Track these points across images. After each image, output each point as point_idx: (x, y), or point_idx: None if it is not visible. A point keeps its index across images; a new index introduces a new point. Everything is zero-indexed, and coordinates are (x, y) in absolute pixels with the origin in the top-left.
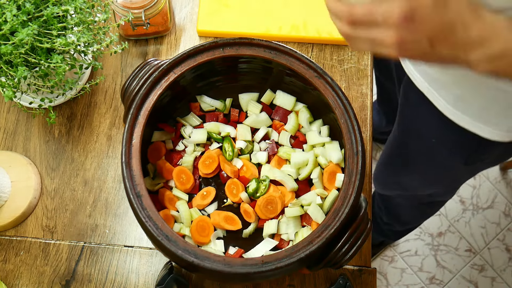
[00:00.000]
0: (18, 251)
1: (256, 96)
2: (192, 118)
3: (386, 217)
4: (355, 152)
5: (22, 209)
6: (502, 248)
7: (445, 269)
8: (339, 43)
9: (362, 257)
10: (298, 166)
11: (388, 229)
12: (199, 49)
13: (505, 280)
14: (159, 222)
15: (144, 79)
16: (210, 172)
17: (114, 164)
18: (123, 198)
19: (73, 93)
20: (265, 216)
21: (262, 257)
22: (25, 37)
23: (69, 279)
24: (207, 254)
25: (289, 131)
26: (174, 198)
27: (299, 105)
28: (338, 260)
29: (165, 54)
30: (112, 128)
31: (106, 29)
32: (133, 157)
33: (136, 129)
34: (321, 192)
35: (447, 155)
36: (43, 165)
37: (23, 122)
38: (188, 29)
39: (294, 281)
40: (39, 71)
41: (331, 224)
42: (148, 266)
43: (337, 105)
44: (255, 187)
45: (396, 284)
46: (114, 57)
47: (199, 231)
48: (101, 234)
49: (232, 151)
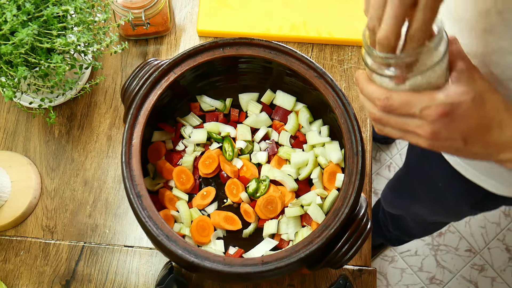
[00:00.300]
0: (18, 251)
1: (256, 96)
2: (192, 118)
3: (392, 227)
4: (355, 152)
5: (22, 209)
6: (502, 248)
7: (445, 269)
8: (339, 43)
9: (362, 257)
10: (298, 166)
11: (392, 237)
12: (199, 49)
13: (505, 280)
14: (159, 222)
15: (144, 79)
16: (210, 172)
17: (114, 164)
18: (123, 198)
19: (73, 93)
20: (265, 216)
21: (262, 257)
22: (25, 37)
23: (69, 279)
24: (207, 254)
25: (289, 131)
26: (174, 198)
27: (299, 105)
28: (338, 260)
29: (165, 54)
30: (112, 128)
31: (106, 29)
32: (133, 157)
33: (136, 129)
34: (321, 192)
35: (453, 199)
36: (43, 165)
37: (23, 122)
38: (188, 29)
39: (294, 281)
40: (39, 71)
41: (331, 224)
42: (148, 266)
43: (337, 105)
44: (255, 187)
45: (396, 284)
46: (114, 57)
47: (199, 231)
48: (101, 234)
49: (232, 151)
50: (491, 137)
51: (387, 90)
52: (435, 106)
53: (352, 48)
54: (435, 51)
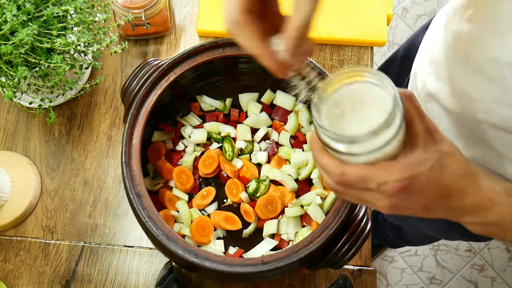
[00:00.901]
0: (18, 251)
1: (256, 96)
2: (192, 118)
3: (390, 233)
4: None
5: (22, 209)
6: (502, 248)
7: (445, 269)
8: (339, 43)
9: (362, 257)
10: (298, 166)
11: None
12: (199, 49)
13: (505, 280)
14: (159, 222)
15: (144, 79)
16: (210, 172)
17: (114, 164)
18: (123, 198)
19: (73, 93)
20: (265, 216)
21: (262, 257)
22: (25, 37)
23: (69, 279)
24: (207, 254)
25: (289, 131)
26: (174, 198)
27: (299, 105)
28: (338, 260)
29: (165, 54)
30: (112, 128)
31: (106, 29)
32: (133, 157)
33: (136, 129)
34: (321, 192)
35: (447, 225)
36: (43, 165)
37: (23, 122)
38: (188, 29)
39: (294, 281)
40: (39, 71)
41: (331, 224)
42: (148, 266)
43: None
44: (255, 187)
45: (396, 284)
46: (114, 57)
47: (199, 231)
48: (101, 234)
49: (232, 151)
50: (451, 203)
51: (341, 164)
52: (392, 182)
53: (352, 48)
54: (387, 128)
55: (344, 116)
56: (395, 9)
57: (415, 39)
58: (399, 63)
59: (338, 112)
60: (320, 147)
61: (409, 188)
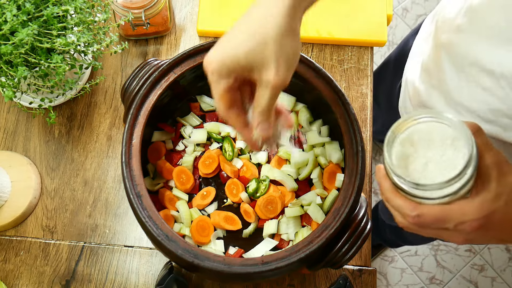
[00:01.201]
0: (18, 251)
1: None
2: (192, 118)
3: (391, 233)
4: (355, 152)
5: (22, 209)
6: (502, 248)
7: (445, 269)
8: (339, 43)
9: (362, 257)
10: (298, 166)
11: (389, 240)
12: (199, 49)
13: (505, 280)
14: (159, 222)
15: (144, 79)
16: (210, 172)
17: (114, 164)
18: (123, 198)
19: (73, 93)
20: (265, 216)
21: (262, 257)
22: (25, 37)
23: (69, 279)
24: (207, 254)
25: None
26: (174, 198)
27: (299, 105)
28: (338, 260)
29: (165, 54)
30: (112, 128)
31: (106, 29)
32: (133, 157)
33: (136, 129)
34: (321, 192)
35: None
36: (43, 165)
37: (23, 122)
38: (188, 29)
39: (294, 281)
40: (39, 71)
41: (331, 224)
42: (148, 266)
43: (337, 105)
44: (255, 187)
45: (396, 284)
46: (114, 57)
47: (199, 231)
48: (101, 234)
49: (232, 151)
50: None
51: (416, 206)
52: (470, 221)
53: (352, 48)
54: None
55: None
56: (395, 9)
57: (406, 44)
58: (391, 69)
59: (411, 151)
60: (391, 187)
61: (486, 226)
